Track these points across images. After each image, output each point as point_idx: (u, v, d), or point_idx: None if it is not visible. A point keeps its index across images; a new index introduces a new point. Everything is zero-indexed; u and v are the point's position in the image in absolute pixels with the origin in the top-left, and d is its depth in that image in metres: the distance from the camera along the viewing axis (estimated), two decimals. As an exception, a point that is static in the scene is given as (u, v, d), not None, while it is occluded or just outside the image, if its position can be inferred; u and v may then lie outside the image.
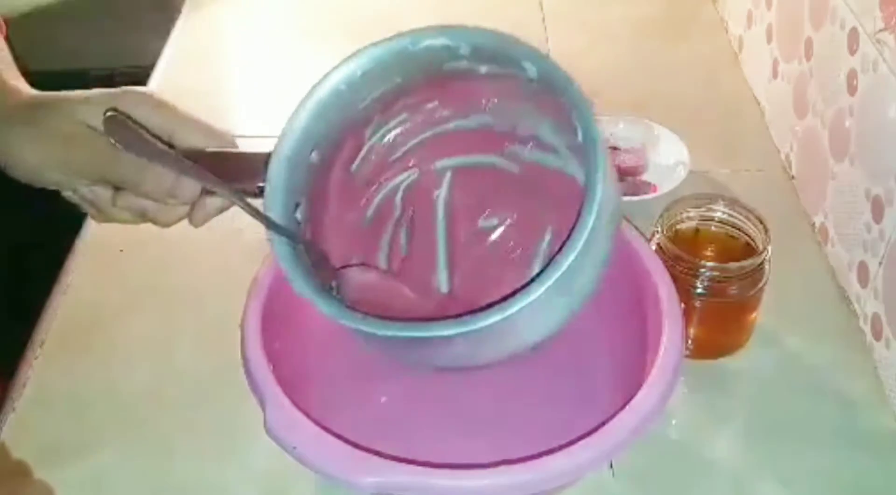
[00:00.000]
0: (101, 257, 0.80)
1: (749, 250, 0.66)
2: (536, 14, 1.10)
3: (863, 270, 0.70)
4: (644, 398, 0.52)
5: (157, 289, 0.77)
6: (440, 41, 0.52)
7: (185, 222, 0.57)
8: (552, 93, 0.50)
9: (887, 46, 0.65)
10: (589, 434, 0.50)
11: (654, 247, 0.64)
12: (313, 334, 0.66)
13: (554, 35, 1.06)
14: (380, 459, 0.49)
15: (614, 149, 0.85)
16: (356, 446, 0.50)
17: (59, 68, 2.05)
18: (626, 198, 0.78)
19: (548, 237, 0.59)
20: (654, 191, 0.81)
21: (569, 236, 0.46)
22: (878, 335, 0.68)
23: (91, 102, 0.52)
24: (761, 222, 0.66)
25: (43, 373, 0.70)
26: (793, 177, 0.85)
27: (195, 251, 0.78)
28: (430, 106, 0.58)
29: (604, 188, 0.46)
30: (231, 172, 0.53)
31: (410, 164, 0.60)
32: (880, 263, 0.67)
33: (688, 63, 1.02)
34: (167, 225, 0.56)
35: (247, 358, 0.55)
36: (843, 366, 0.68)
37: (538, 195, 0.59)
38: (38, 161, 0.53)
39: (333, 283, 0.55)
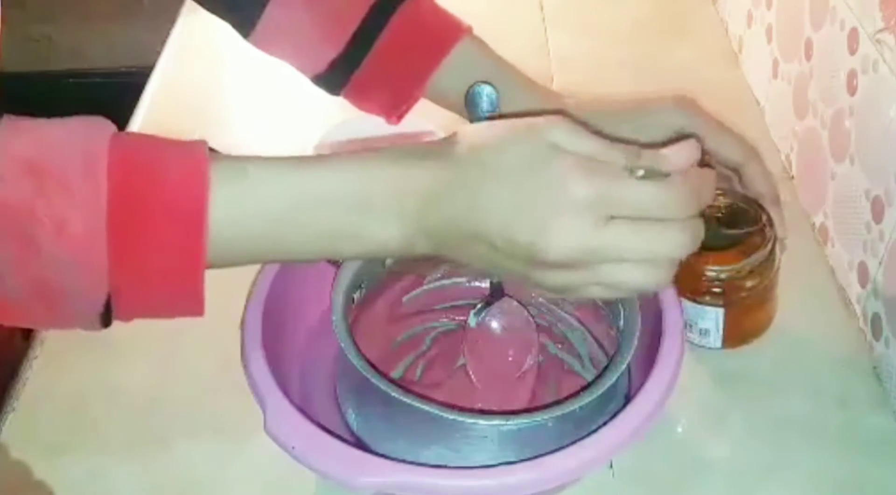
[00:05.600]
0: (101, 257, 0.79)
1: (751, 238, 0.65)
2: (536, 14, 1.10)
3: (863, 270, 0.70)
4: (644, 398, 0.52)
5: (157, 289, 0.76)
6: None
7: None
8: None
9: (887, 46, 0.65)
10: (589, 434, 0.50)
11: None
12: (313, 334, 0.66)
13: (554, 35, 1.06)
14: (379, 459, 0.49)
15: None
16: (356, 446, 0.50)
17: (59, 68, 2.06)
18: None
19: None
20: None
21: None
22: (877, 335, 0.68)
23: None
24: (760, 206, 0.65)
25: (43, 373, 0.70)
26: (793, 178, 0.84)
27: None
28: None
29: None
30: None
31: (452, 317, 0.68)
32: (880, 263, 0.67)
33: (688, 63, 1.01)
34: None
35: (247, 358, 0.55)
36: (842, 365, 0.68)
37: (550, 383, 0.64)
38: None
39: None
